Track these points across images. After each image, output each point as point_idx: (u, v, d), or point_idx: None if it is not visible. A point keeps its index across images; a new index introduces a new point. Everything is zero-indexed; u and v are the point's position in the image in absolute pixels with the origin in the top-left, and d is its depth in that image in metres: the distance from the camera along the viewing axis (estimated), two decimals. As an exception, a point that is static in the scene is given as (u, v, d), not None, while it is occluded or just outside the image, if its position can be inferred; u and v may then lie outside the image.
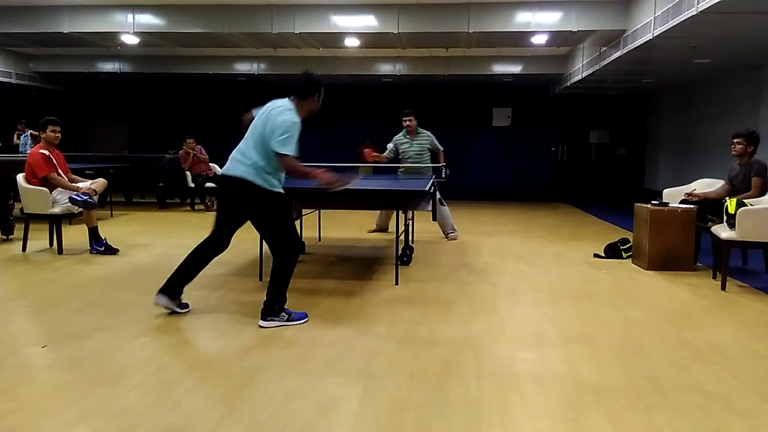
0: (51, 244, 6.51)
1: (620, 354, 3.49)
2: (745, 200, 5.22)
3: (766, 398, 2.87)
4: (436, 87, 15.12)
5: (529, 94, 15.03)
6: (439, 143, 7.85)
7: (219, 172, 11.07)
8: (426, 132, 7.86)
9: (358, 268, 5.87)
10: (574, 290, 5.07)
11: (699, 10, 5.95)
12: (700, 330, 3.99)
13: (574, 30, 8.62)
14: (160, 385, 2.92)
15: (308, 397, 2.80)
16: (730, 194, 5.71)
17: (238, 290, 4.84)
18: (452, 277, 5.48)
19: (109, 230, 6.82)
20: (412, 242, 6.82)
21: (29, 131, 11.91)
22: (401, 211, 5.37)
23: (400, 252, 5.76)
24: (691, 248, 5.87)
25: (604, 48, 9.41)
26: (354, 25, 9.05)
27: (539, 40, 9.57)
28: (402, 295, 4.74)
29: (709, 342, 3.72)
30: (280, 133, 3.77)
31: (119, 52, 12.62)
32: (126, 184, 11.44)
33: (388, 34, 9.13)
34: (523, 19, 8.64)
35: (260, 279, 5.18)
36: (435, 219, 6.21)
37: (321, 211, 7.74)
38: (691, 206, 5.90)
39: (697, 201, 5.99)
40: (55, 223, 6.37)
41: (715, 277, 5.48)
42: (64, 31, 9.34)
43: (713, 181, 6.63)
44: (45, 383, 2.95)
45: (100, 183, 6.61)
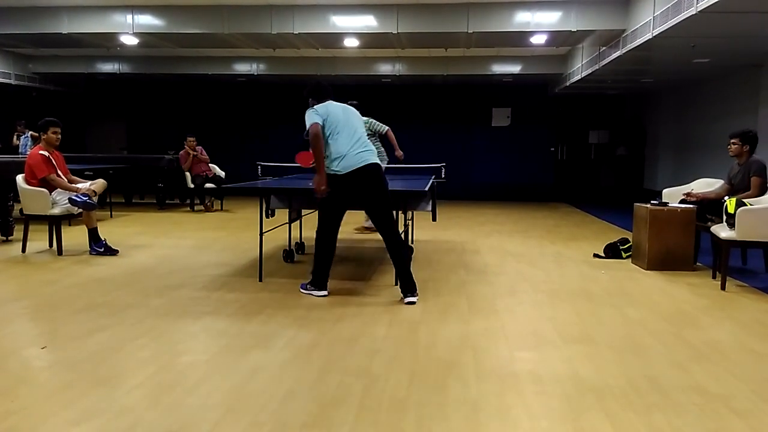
0: (51, 245, 6.51)
1: (620, 354, 3.49)
2: (745, 200, 5.23)
3: (765, 398, 2.87)
4: (436, 87, 15.13)
5: (529, 94, 15.04)
6: (381, 124, 7.89)
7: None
8: (364, 119, 7.75)
9: (357, 268, 5.87)
10: (574, 290, 5.07)
11: (698, 10, 5.96)
12: (699, 330, 3.99)
13: (574, 30, 8.62)
14: (160, 385, 2.92)
15: (308, 397, 2.80)
16: (730, 194, 5.71)
17: (238, 290, 4.84)
18: (452, 277, 5.48)
19: (108, 231, 6.82)
20: (412, 242, 6.83)
21: (29, 132, 11.90)
22: (401, 212, 5.36)
23: (400, 252, 5.75)
24: (690, 248, 5.87)
25: (604, 48, 9.41)
26: (353, 26, 9.05)
27: (538, 40, 9.58)
28: (401, 295, 4.74)
29: (709, 342, 3.72)
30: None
31: (118, 53, 12.62)
32: (125, 185, 11.45)
33: (388, 34, 9.13)
34: (523, 19, 8.64)
35: (260, 279, 5.18)
36: (435, 219, 6.21)
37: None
38: (691, 206, 5.90)
39: (696, 201, 5.99)
40: (55, 224, 6.38)
41: (714, 277, 5.49)
42: (64, 32, 9.34)
43: (712, 180, 6.64)
44: (45, 384, 2.95)
45: (99, 184, 6.60)
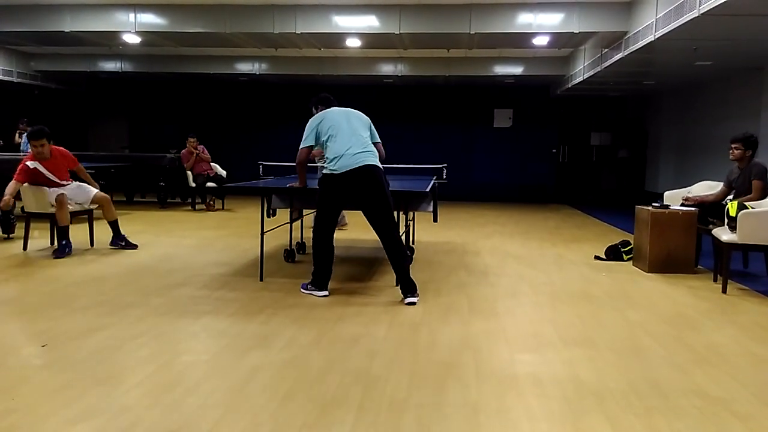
0: (52, 243, 6.51)
1: (620, 356, 3.48)
2: (746, 203, 5.22)
3: (766, 402, 2.87)
4: (438, 88, 15.12)
5: (531, 96, 15.03)
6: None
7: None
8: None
9: (358, 268, 5.87)
10: (575, 292, 5.07)
11: (701, 12, 5.95)
12: (700, 333, 3.98)
13: (576, 31, 8.62)
14: (160, 384, 2.92)
15: (308, 398, 2.80)
16: (731, 197, 5.71)
17: (239, 290, 4.84)
18: (452, 278, 5.48)
19: (109, 229, 6.81)
20: (413, 243, 6.82)
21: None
22: (402, 212, 5.36)
23: (401, 253, 5.75)
24: (692, 251, 5.86)
25: (606, 50, 9.40)
26: (355, 26, 9.05)
27: (541, 41, 9.57)
28: (402, 296, 4.74)
29: (710, 345, 3.71)
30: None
31: (121, 52, 12.62)
32: (127, 184, 11.46)
33: (390, 34, 9.13)
34: (525, 21, 8.64)
35: (261, 279, 5.18)
36: (436, 220, 6.20)
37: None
38: (692, 209, 5.90)
39: (694, 204, 5.99)
40: (56, 222, 6.37)
41: (715, 280, 5.48)
42: (66, 30, 9.35)
43: (714, 183, 6.63)
44: (44, 382, 2.94)
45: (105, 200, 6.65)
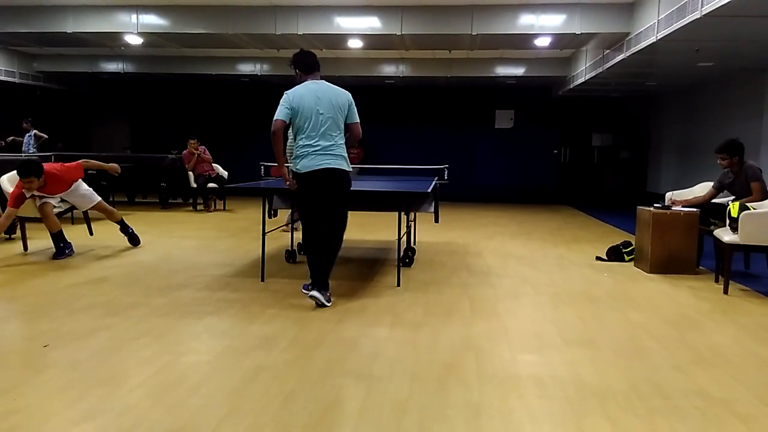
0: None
1: (622, 357, 3.48)
2: (748, 204, 5.22)
3: (768, 402, 2.86)
4: (439, 89, 15.12)
5: (532, 97, 15.03)
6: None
7: (222, 173, 11.16)
8: None
9: (359, 269, 5.87)
10: (576, 293, 5.06)
11: (703, 14, 5.95)
12: (702, 333, 3.98)
13: (578, 32, 8.62)
14: (162, 385, 2.92)
15: (309, 399, 2.80)
16: (733, 200, 5.71)
17: (241, 291, 4.84)
18: (454, 279, 5.47)
19: (111, 229, 6.83)
20: (414, 244, 6.83)
21: (33, 131, 11.91)
22: (403, 213, 5.36)
23: (402, 253, 5.76)
24: (693, 251, 5.86)
25: (608, 51, 9.40)
26: (357, 27, 9.05)
27: (542, 42, 9.57)
28: (404, 297, 4.74)
29: (712, 346, 3.71)
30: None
31: (123, 53, 12.64)
32: (128, 184, 11.46)
33: (392, 35, 9.13)
34: (527, 22, 8.64)
35: (262, 280, 5.18)
36: (437, 221, 6.21)
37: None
38: (694, 209, 5.90)
39: (685, 206, 6.00)
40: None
41: (717, 281, 5.47)
42: (68, 31, 9.36)
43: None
44: (46, 383, 2.95)
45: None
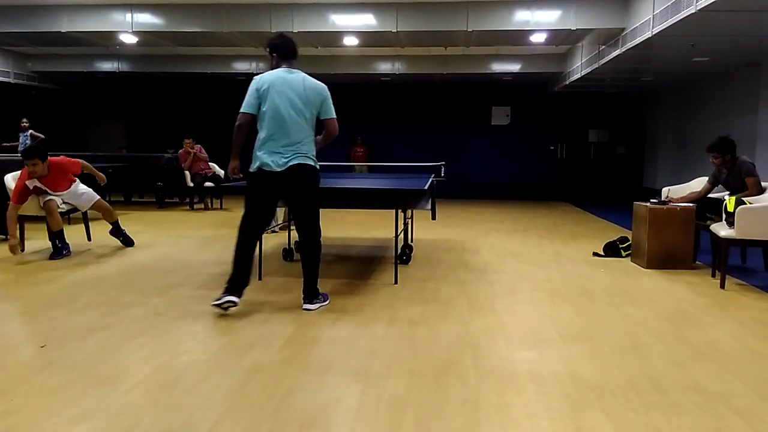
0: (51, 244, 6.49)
1: (619, 353, 3.49)
2: (744, 198, 5.23)
3: (765, 397, 2.87)
4: (435, 85, 15.13)
5: (528, 93, 15.05)
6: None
7: (218, 171, 11.15)
8: None
9: (357, 267, 5.86)
10: (573, 289, 5.07)
11: (698, 8, 5.96)
12: (699, 328, 3.99)
13: (573, 28, 8.63)
14: (159, 384, 2.92)
15: (307, 397, 2.80)
16: (729, 194, 5.72)
17: (237, 289, 4.83)
18: (451, 276, 5.48)
19: (108, 229, 6.81)
20: (411, 241, 6.83)
21: (30, 131, 11.90)
22: (400, 210, 5.36)
23: (400, 251, 5.76)
24: (690, 246, 5.87)
25: (603, 46, 9.41)
26: (352, 24, 9.05)
27: (538, 38, 9.58)
28: (401, 294, 4.74)
29: (709, 340, 3.72)
30: None
31: (118, 52, 12.61)
32: (125, 184, 11.44)
33: (387, 32, 9.13)
34: (522, 18, 8.65)
35: (260, 278, 5.18)
36: (434, 218, 6.21)
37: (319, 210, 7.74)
38: (690, 204, 5.91)
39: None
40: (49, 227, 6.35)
41: (714, 276, 5.49)
42: (63, 31, 9.34)
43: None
44: (44, 383, 2.94)
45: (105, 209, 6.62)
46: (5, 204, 6.99)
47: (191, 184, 10.89)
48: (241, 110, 4.13)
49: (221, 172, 11.26)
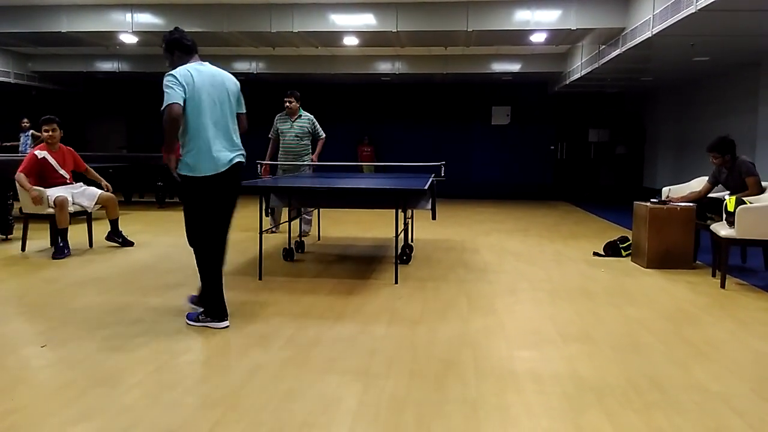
0: (51, 244, 6.50)
1: (619, 352, 3.49)
2: (744, 198, 5.23)
3: (765, 396, 2.87)
4: (435, 85, 15.12)
5: (528, 93, 15.05)
6: (321, 130, 7.53)
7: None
8: (308, 115, 7.54)
9: (357, 266, 5.86)
10: (574, 289, 5.07)
11: (698, 8, 5.96)
12: (699, 328, 3.99)
13: (573, 28, 8.63)
14: (160, 384, 2.92)
15: (307, 396, 2.80)
16: (729, 194, 5.72)
17: (238, 289, 4.83)
18: (451, 276, 5.48)
19: (107, 229, 6.81)
20: (412, 241, 6.83)
21: (31, 131, 11.91)
22: (400, 210, 5.36)
23: (400, 251, 5.76)
24: (690, 246, 5.87)
25: (603, 46, 9.41)
26: (353, 24, 9.05)
27: (538, 38, 9.58)
28: (401, 294, 4.74)
29: (709, 340, 3.72)
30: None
31: (118, 52, 12.61)
32: (125, 184, 11.44)
33: (387, 32, 9.13)
34: (522, 18, 8.64)
35: (260, 278, 5.18)
36: (434, 218, 6.21)
37: (320, 210, 7.75)
38: (691, 204, 5.91)
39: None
40: (55, 224, 6.36)
41: (714, 275, 5.49)
42: (63, 31, 9.34)
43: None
44: (44, 383, 2.94)
45: (105, 197, 6.62)
46: (10, 202, 7.03)
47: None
48: (174, 101, 3.64)
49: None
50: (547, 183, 15.29)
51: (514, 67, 12.70)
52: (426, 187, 5.32)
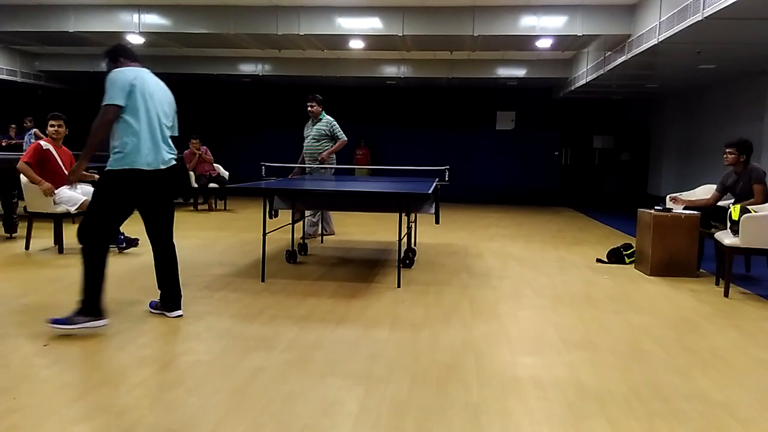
0: (55, 243, 6.51)
1: (622, 360, 3.48)
2: (749, 207, 5.22)
3: (768, 406, 2.86)
4: (440, 90, 15.13)
5: (534, 98, 15.03)
6: (341, 133, 7.59)
7: (223, 173, 11.18)
8: (328, 118, 7.60)
9: (359, 270, 5.86)
10: (577, 295, 5.06)
11: (704, 16, 5.95)
12: (702, 336, 3.97)
13: (579, 34, 8.62)
14: (161, 385, 2.92)
15: (309, 399, 2.80)
16: (733, 202, 5.71)
17: (240, 291, 4.84)
18: (454, 281, 5.47)
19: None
20: (415, 245, 6.82)
21: (34, 130, 11.85)
22: (404, 214, 5.36)
23: (403, 255, 5.75)
24: (694, 254, 5.85)
25: (609, 52, 9.40)
26: (359, 27, 9.06)
27: (544, 44, 9.57)
28: (404, 298, 4.74)
29: (712, 348, 3.71)
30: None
31: (124, 52, 12.64)
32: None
33: (393, 36, 9.13)
34: (528, 23, 8.64)
35: (262, 280, 5.18)
36: (438, 222, 6.21)
37: (323, 213, 7.75)
38: (695, 212, 5.89)
39: (687, 207, 5.98)
40: (57, 222, 6.37)
41: (718, 284, 5.47)
42: (70, 30, 9.37)
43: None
44: (46, 382, 2.95)
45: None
46: (14, 201, 7.04)
47: (196, 185, 10.91)
48: (114, 102, 3.73)
49: (226, 174, 11.29)
50: (551, 189, 15.26)
51: (520, 73, 12.70)
52: (430, 192, 5.32)
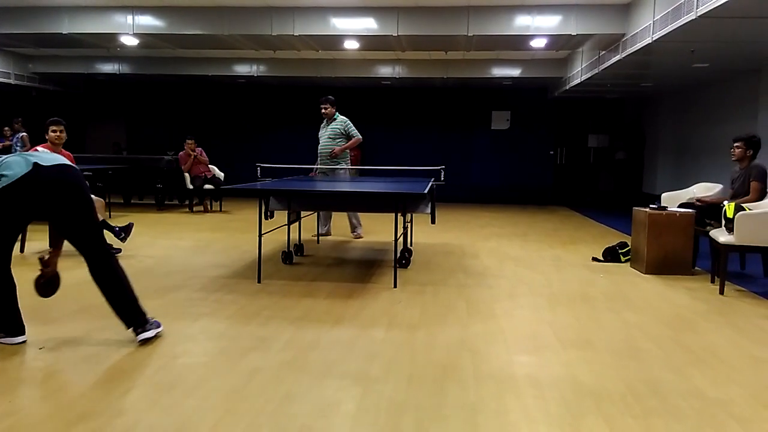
0: (50, 246, 6.47)
1: (618, 358, 3.49)
2: (744, 204, 5.24)
3: (764, 403, 2.87)
4: (435, 90, 15.14)
5: (528, 98, 15.05)
6: (355, 131, 7.64)
7: (219, 174, 11.17)
8: (342, 118, 7.69)
9: (356, 270, 5.86)
10: (573, 294, 5.07)
11: (698, 15, 5.97)
12: (698, 334, 3.99)
13: (574, 33, 8.63)
14: (158, 386, 2.92)
15: (306, 400, 2.80)
16: (731, 198, 5.73)
17: (237, 292, 4.83)
18: (450, 280, 5.48)
19: (107, 232, 6.80)
20: (411, 245, 6.83)
21: (21, 134, 11.43)
22: (399, 214, 5.36)
23: (399, 255, 5.76)
24: (689, 252, 5.87)
25: (603, 52, 9.43)
26: (353, 28, 9.06)
27: (538, 43, 9.59)
28: (400, 298, 4.74)
29: (708, 346, 3.72)
30: None
31: (118, 54, 12.62)
32: (124, 186, 11.44)
33: (388, 36, 9.14)
34: (523, 23, 8.65)
35: (259, 281, 5.18)
36: (434, 222, 6.21)
37: (319, 213, 7.75)
38: (690, 210, 5.91)
39: (705, 205, 5.98)
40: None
41: (713, 282, 5.49)
42: (64, 32, 9.34)
43: (711, 185, 6.66)
44: (42, 385, 2.94)
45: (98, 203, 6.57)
46: None
47: (191, 187, 10.89)
48: None
49: (221, 175, 11.28)
50: (547, 188, 15.29)
51: (514, 72, 12.72)
52: (425, 191, 5.33)
